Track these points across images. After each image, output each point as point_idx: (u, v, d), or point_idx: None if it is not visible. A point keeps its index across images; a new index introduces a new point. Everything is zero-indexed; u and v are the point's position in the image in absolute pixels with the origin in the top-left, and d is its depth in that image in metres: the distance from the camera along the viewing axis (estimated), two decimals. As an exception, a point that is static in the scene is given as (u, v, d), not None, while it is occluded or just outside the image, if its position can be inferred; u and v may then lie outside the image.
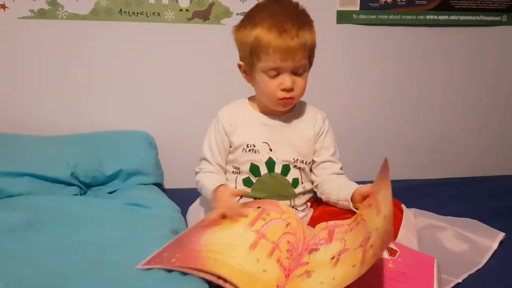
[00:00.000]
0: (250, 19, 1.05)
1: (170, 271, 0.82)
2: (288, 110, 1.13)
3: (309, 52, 1.06)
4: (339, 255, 0.83)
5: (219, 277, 0.78)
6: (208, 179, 1.09)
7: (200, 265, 0.80)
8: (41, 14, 1.50)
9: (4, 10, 1.49)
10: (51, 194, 1.26)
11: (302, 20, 1.03)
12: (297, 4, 1.08)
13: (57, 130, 1.52)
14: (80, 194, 1.33)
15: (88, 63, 1.57)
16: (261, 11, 1.05)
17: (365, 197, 0.99)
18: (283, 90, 1.04)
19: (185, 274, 0.81)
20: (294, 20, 1.01)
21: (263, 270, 0.81)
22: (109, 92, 1.59)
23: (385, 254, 0.88)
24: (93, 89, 1.58)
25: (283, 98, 1.06)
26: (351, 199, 1.03)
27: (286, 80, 1.03)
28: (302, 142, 1.12)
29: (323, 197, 1.13)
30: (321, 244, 0.91)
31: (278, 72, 1.04)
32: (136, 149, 1.48)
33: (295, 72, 1.04)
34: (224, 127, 1.13)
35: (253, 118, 1.13)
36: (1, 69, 1.53)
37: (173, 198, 1.31)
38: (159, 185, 1.48)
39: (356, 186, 1.05)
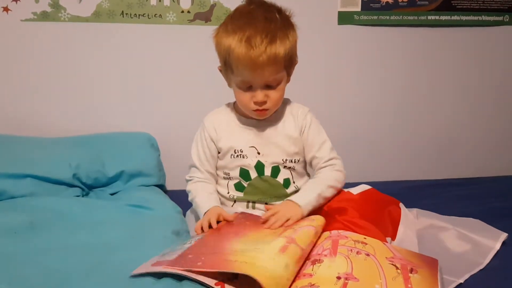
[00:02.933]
0: (227, 26, 1.03)
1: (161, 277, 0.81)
2: None
3: (286, 62, 1.02)
4: (347, 279, 0.81)
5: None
6: (200, 197, 1.09)
7: (228, 267, 0.77)
8: (43, 16, 1.51)
9: (7, 13, 1.49)
10: (53, 195, 1.26)
11: (274, 33, 0.98)
12: (274, 11, 1.04)
13: (60, 131, 1.52)
14: (82, 196, 1.33)
15: (90, 65, 1.57)
16: (239, 18, 1.03)
17: None
18: (256, 103, 1.04)
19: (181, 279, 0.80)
20: (265, 33, 0.97)
21: (287, 279, 0.79)
22: (111, 94, 1.60)
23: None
24: (95, 90, 1.59)
25: (257, 110, 1.06)
26: None
27: (257, 94, 1.03)
28: (288, 142, 1.12)
29: None
30: (325, 256, 0.89)
31: (250, 85, 1.03)
32: (138, 150, 1.48)
33: (268, 85, 1.03)
34: (210, 134, 1.12)
35: (237, 123, 1.13)
36: (4, 71, 1.53)
37: (175, 200, 1.31)
38: (161, 187, 1.48)
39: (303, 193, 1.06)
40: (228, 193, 1.13)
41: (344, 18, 1.67)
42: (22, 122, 1.55)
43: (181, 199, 1.28)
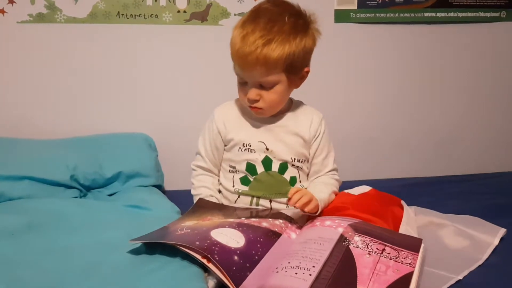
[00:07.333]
0: (243, 18, 1.04)
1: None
2: (284, 109, 1.12)
3: (284, 66, 1.00)
4: None
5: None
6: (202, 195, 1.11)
7: None
8: (39, 18, 1.51)
9: (3, 15, 1.49)
10: (51, 197, 1.26)
11: (272, 36, 0.97)
12: (286, 14, 1.02)
13: (57, 133, 1.52)
14: (80, 197, 1.33)
15: (87, 66, 1.57)
16: (251, 14, 1.03)
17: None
18: (248, 100, 1.05)
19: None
20: (261, 34, 0.97)
21: None
22: (108, 95, 1.60)
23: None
24: (92, 92, 1.59)
25: (250, 106, 1.06)
26: None
27: (249, 91, 1.03)
28: (297, 142, 1.12)
29: None
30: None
31: (244, 81, 1.04)
32: (135, 151, 1.48)
33: (262, 85, 1.03)
34: (218, 127, 1.13)
35: (247, 117, 1.13)
36: (0, 73, 1.53)
37: (173, 200, 1.30)
38: (159, 187, 1.47)
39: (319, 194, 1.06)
40: (233, 186, 1.12)
41: (341, 16, 1.67)
42: (19, 124, 1.54)
43: (180, 200, 1.28)
